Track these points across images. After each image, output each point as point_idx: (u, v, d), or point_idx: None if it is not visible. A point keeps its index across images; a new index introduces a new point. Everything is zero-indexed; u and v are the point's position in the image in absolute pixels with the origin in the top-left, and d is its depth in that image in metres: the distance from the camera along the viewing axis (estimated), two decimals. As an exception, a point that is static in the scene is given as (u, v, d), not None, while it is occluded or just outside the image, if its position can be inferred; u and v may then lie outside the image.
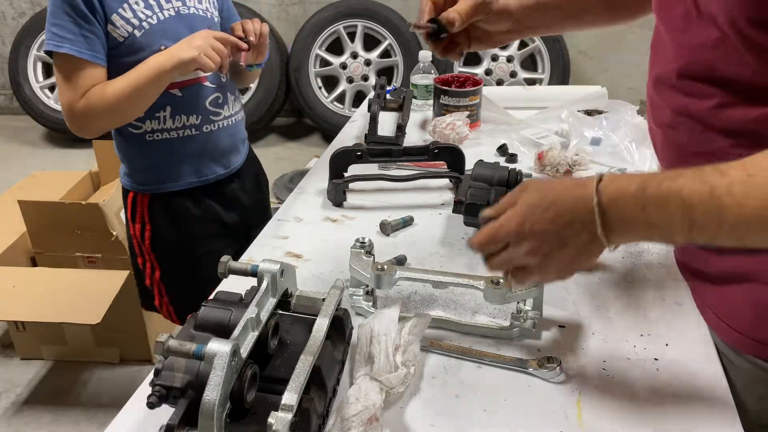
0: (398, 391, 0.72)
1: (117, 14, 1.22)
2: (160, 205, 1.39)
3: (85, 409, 1.98)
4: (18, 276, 2.08)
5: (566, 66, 3.70)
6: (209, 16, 1.37)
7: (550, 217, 0.67)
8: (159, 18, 1.26)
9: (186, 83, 1.31)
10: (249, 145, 1.58)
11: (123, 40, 1.24)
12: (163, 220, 1.40)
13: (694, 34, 0.74)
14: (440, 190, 1.27)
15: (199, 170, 1.39)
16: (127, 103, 1.23)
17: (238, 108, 1.48)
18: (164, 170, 1.36)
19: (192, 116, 1.34)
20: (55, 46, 1.19)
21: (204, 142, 1.37)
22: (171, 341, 0.60)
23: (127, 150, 1.37)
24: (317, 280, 0.98)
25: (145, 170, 1.37)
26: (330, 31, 3.75)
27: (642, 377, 0.77)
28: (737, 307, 0.79)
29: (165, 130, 1.33)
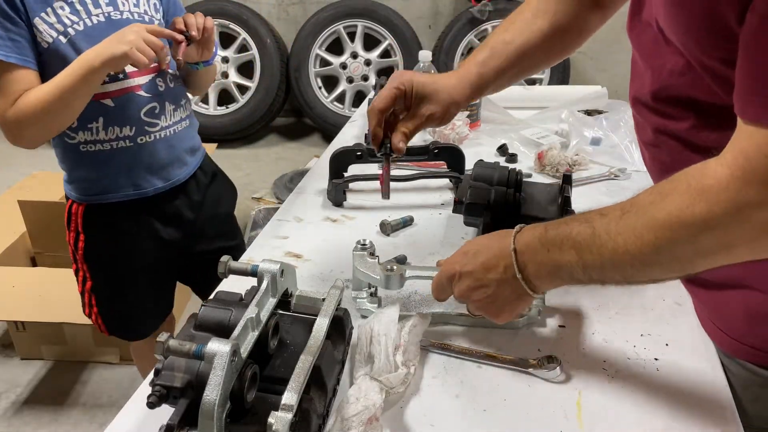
0: (398, 391, 0.72)
1: (39, 18, 1.14)
2: (94, 216, 1.33)
3: (85, 409, 1.98)
4: (18, 276, 2.08)
5: (566, 66, 3.70)
6: (147, 20, 1.28)
7: (479, 261, 0.76)
8: (86, 24, 1.18)
9: (118, 93, 1.23)
10: (204, 155, 1.49)
11: (47, 46, 1.16)
12: (96, 232, 1.34)
13: (664, 60, 0.75)
14: (440, 190, 1.27)
15: (135, 183, 1.31)
16: (57, 108, 1.15)
17: (182, 116, 1.37)
18: (99, 182, 1.30)
19: (125, 127, 1.25)
20: None
21: (139, 154, 1.28)
22: (171, 341, 0.60)
23: (63, 159, 1.31)
24: (317, 280, 0.98)
25: (80, 181, 1.31)
26: (330, 31, 3.76)
27: (642, 377, 0.77)
28: (731, 313, 0.80)
29: (98, 141, 1.25)
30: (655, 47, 0.76)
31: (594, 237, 0.66)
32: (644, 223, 0.63)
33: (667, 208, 0.61)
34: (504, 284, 0.74)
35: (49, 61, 1.16)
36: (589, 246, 0.67)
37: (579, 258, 0.68)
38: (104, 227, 1.34)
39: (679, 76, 0.74)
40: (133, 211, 1.33)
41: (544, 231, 0.72)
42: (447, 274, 0.79)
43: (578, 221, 0.69)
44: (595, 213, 0.68)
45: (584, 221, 0.68)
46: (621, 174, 1.32)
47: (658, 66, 0.77)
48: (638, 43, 0.82)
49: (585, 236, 0.67)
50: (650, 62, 0.79)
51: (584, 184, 1.28)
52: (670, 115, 0.79)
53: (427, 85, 0.90)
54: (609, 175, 1.33)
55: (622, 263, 0.66)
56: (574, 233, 0.68)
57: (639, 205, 0.64)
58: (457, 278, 0.78)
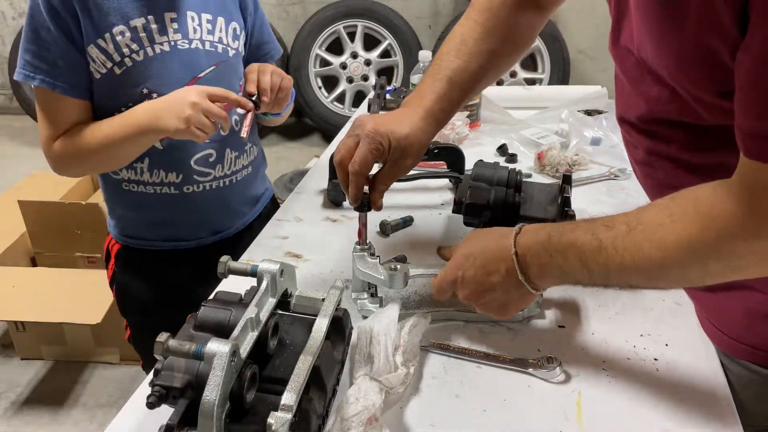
0: (398, 391, 0.72)
1: (94, 45, 1.02)
2: (128, 258, 1.22)
3: (85, 409, 1.98)
4: (18, 276, 2.08)
5: (566, 66, 3.70)
6: (221, 51, 1.12)
7: (480, 264, 0.76)
8: (147, 54, 1.05)
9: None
10: (270, 198, 1.35)
11: (99, 76, 1.04)
12: (129, 276, 1.23)
13: (648, 87, 0.75)
14: (440, 190, 1.27)
15: (176, 234, 1.19)
16: (102, 157, 1.07)
17: (245, 164, 1.22)
18: (138, 224, 1.19)
19: (171, 173, 1.13)
20: (26, 76, 1.02)
21: (183, 204, 1.16)
22: (171, 341, 0.60)
23: (106, 193, 1.21)
24: (317, 280, 0.98)
25: (119, 218, 1.21)
26: (330, 31, 3.76)
27: (642, 377, 0.77)
28: (730, 314, 0.80)
29: (141, 183, 1.14)
30: (638, 74, 0.76)
31: (600, 250, 0.67)
32: (653, 244, 0.63)
33: (677, 231, 0.62)
34: (507, 285, 0.75)
35: (99, 91, 1.06)
36: (596, 258, 0.67)
37: (584, 267, 0.69)
38: (137, 273, 1.22)
39: (666, 103, 0.74)
40: (171, 263, 1.20)
41: (547, 237, 0.72)
42: (449, 278, 0.79)
43: (582, 230, 0.69)
44: (600, 224, 0.68)
45: (589, 231, 0.68)
46: (621, 174, 1.32)
47: (643, 92, 0.77)
48: (622, 67, 0.82)
49: (591, 248, 0.68)
50: (635, 87, 0.79)
51: (584, 184, 1.28)
52: (660, 136, 0.79)
53: (402, 139, 0.85)
54: (609, 175, 1.33)
55: (629, 276, 0.67)
56: (579, 243, 0.68)
57: (647, 224, 0.64)
58: (459, 283, 0.78)
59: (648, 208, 0.67)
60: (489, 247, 0.76)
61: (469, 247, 0.79)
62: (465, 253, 0.79)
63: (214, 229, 1.22)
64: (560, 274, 0.72)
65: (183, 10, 1.08)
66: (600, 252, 0.67)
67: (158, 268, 1.21)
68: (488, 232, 0.80)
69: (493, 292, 0.76)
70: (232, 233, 1.24)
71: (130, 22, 1.03)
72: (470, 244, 0.80)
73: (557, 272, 0.72)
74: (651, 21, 0.68)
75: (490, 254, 0.76)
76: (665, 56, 0.68)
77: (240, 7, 1.18)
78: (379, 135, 0.83)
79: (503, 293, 0.76)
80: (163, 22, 1.06)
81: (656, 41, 0.69)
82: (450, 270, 0.80)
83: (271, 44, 1.27)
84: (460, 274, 0.77)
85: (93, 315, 1.80)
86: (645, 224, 0.65)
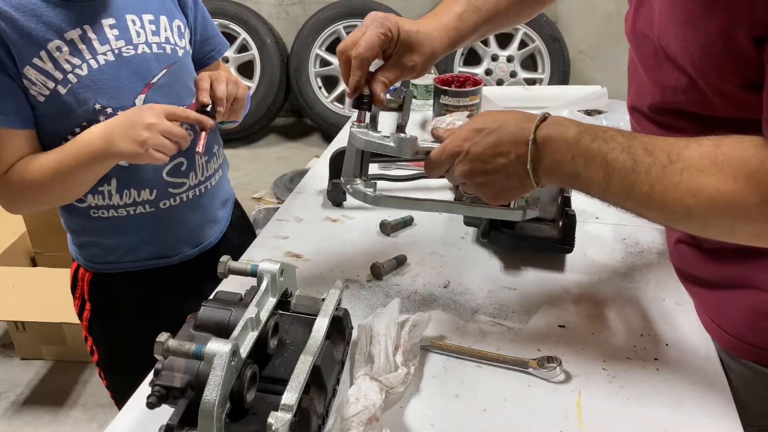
0: (398, 391, 0.72)
1: (30, 66, 0.92)
2: (102, 286, 1.12)
3: (85, 409, 1.98)
4: (18, 276, 2.08)
5: (566, 66, 3.70)
6: (170, 51, 1.04)
7: (491, 142, 0.70)
8: (91, 67, 0.96)
9: None
10: (234, 203, 1.28)
11: (43, 99, 0.94)
12: (103, 304, 1.13)
13: (665, 75, 0.74)
14: (440, 190, 1.27)
15: (157, 252, 1.11)
16: (56, 189, 0.98)
17: (216, 167, 1.16)
18: (113, 250, 1.09)
19: (144, 191, 1.04)
20: None
21: (162, 220, 1.08)
22: (171, 341, 0.60)
23: (69, 221, 1.10)
24: (317, 280, 0.98)
25: (89, 246, 1.10)
26: (330, 31, 3.75)
27: (642, 377, 0.77)
28: (733, 313, 0.79)
29: (111, 207, 1.04)
30: (655, 61, 0.75)
31: (631, 173, 0.63)
32: (688, 189, 0.60)
33: (717, 183, 0.59)
34: (510, 171, 0.70)
35: (46, 114, 0.96)
36: (623, 179, 0.63)
37: (605, 181, 0.65)
38: (113, 300, 1.13)
39: (682, 93, 0.72)
40: (151, 284, 1.13)
41: (576, 136, 0.67)
42: (451, 150, 0.73)
43: (618, 143, 0.64)
44: (639, 144, 0.64)
45: (626, 149, 0.64)
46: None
47: (658, 80, 0.76)
48: (638, 54, 0.80)
49: (622, 166, 0.63)
50: (651, 75, 0.78)
51: (584, 184, 1.28)
52: (670, 126, 0.78)
53: (413, 34, 0.81)
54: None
55: (648, 208, 0.64)
56: (611, 157, 0.64)
57: (687, 164, 0.61)
58: (462, 156, 0.72)
59: (691, 144, 0.62)
60: (507, 127, 0.70)
61: (483, 122, 0.73)
62: (478, 127, 0.72)
63: (195, 242, 1.15)
64: (572, 178, 0.68)
65: (121, 14, 0.99)
66: (629, 175, 0.63)
67: (136, 294, 1.13)
68: (510, 112, 0.73)
69: (495, 174, 0.71)
70: (213, 243, 1.18)
71: (64, 35, 0.94)
72: (486, 119, 0.73)
73: (570, 174, 0.67)
74: (677, 10, 0.67)
75: (505, 135, 0.70)
76: (690, 46, 0.67)
77: (179, 4, 1.10)
78: (388, 21, 0.79)
79: (504, 178, 0.71)
80: (102, 30, 0.97)
81: (681, 30, 0.67)
82: (455, 141, 0.73)
83: (217, 38, 1.19)
84: (467, 146, 0.72)
85: (93, 315, 1.80)
86: (685, 163, 0.61)
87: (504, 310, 0.89)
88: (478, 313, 0.89)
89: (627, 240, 1.06)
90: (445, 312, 0.89)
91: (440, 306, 0.91)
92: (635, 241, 1.05)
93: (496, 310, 0.90)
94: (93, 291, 1.12)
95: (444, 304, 0.91)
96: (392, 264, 0.99)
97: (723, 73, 0.66)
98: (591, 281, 0.95)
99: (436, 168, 0.77)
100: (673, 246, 0.91)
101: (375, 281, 0.97)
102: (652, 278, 0.95)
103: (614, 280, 0.95)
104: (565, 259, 1.00)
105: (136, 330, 1.02)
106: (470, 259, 1.02)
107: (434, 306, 0.91)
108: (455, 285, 0.95)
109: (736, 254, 0.76)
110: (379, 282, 0.97)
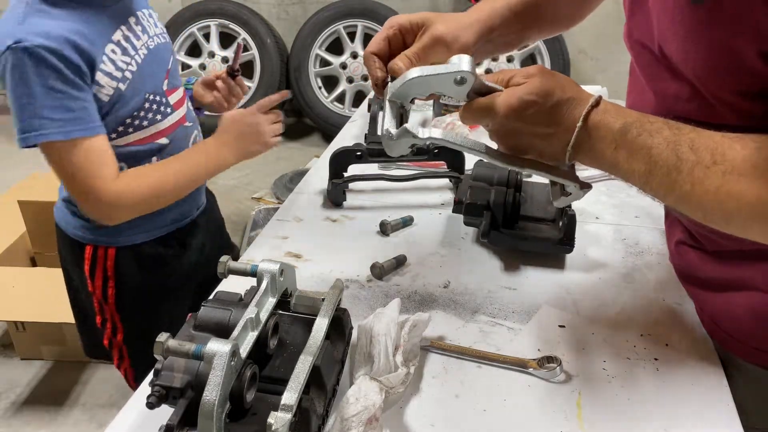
0: (398, 391, 0.72)
1: (99, 71, 1.02)
2: (128, 256, 1.21)
3: (85, 409, 1.98)
4: (18, 276, 2.08)
5: (566, 66, 3.69)
6: (167, 38, 1.20)
7: (541, 120, 0.67)
8: (137, 62, 1.08)
9: (171, 128, 1.18)
10: None
11: (107, 99, 1.04)
12: (129, 275, 1.22)
13: (666, 84, 0.73)
14: (440, 190, 1.27)
15: (178, 216, 1.26)
16: (180, 193, 1.15)
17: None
18: (147, 219, 1.17)
19: None
20: (61, 134, 0.97)
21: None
22: (170, 341, 0.60)
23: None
24: (317, 280, 0.98)
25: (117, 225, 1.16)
26: (330, 31, 3.75)
27: (642, 377, 0.77)
28: (734, 314, 0.79)
29: None
30: (654, 70, 0.75)
31: (674, 170, 0.62)
32: (730, 193, 0.60)
33: (756, 190, 0.59)
34: (548, 144, 0.69)
35: (106, 112, 1.06)
36: (665, 175, 0.63)
37: (646, 175, 0.64)
38: (138, 268, 1.23)
39: (684, 102, 0.72)
40: (168, 245, 1.26)
41: (622, 127, 0.65)
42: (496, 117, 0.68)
43: (663, 138, 0.63)
44: (686, 139, 0.63)
45: (671, 145, 0.63)
46: (621, 174, 1.32)
47: (660, 89, 0.75)
48: (637, 62, 0.80)
49: (665, 162, 0.63)
50: (651, 83, 0.77)
51: (584, 184, 1.28)
52: None
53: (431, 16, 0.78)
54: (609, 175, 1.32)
55: (688, 206, 0.64)
56: (655, 152, 0.63)
57: (729, 165, 0.60)
58: (503, 119, 0.68)
59: (735, 145, 0.61)
60: (560, 107, 0.67)
61: (539, 92, 0.67)
62: (532, 99, 0.66)
63: (198, 203, 1.32)
64: (611, 167, 0.67)
65: (135, 12, 1.12)
66: (671, 172, 0.62)
67: (157, 257, 1.25)
68: (567, 84, 0.69)
69: (529, 145, 0.70)
70: (205, 203, 1.36)
71: (112, 38, 1.05)
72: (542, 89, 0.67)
73: (610, 163, 0.67)
74: (676, 23, 0.67)
75: (555, 116, 0.67)
76: (692, 58, 0.67)
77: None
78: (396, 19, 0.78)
79: (541, 146, 0.69)
80: (132, 28, 1.10)
81: (682, 42, 0.67)
82: (503, 108, 0.67)
83: None
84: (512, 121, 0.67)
85: (93, 315, 1.80)
86: (727, 165, 0.60)
87: (504, 310, 0.89)
88: (478, 313, 0.89)
89: (627, 240, 1.06)
90: (445, 312, 0.89)
91: (440, 306, 0.91)
92: (635, 241, 1.05)
93: (496, 310, 0.90)
94: (119, 263, 1.21)
95: (444, 304, 0.91)
96: (392, 264, 0.99)
97: (726, 84, 0.65)
98: (591, 281, 0.95)
99: (472, 118, 0.72)
100: (673, 247, 0.91)
101: (375, 281, 0.97)
102: (652, 278, 0.95)
103: (614, 280, 0.95)
104: (565, 259, 1.00)
105: (160, 288, 1.26)
106: (470, 259, 1.02)
107: (434, 306, 0.91)
108: (455, 285, 0.95)
109: (738, 256, 0.76)
110: (379, 282, 0.97)
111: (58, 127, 0.98)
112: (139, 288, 1.24)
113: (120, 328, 1.27)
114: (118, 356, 1.30)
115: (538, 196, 1.04)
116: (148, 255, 1.23)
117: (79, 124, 0.99)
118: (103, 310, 1.26)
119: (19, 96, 0.96)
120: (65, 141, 0.99)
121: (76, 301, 1.33)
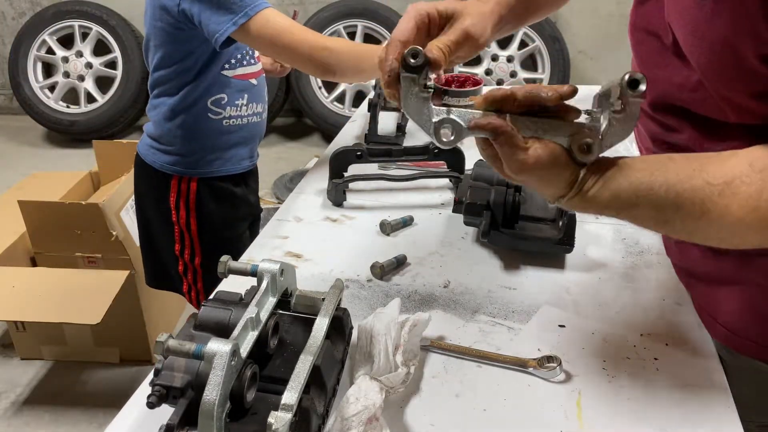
0: (398, 391, 0.72)
1: None
2: (207, 188, 1.43)
3: (85, 409, 1.98)
4: (18, 276, 2.08)
5: (566, 66, 3.70)
6: None
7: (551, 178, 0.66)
8: None
9: (258, 74, 1.42)
10: None
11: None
12: (208, 204, 1.44)
13: (671, 72, 0.73)
14: (440, 190, 1.27)
15: (251, 155, 1.50)
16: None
17: None
18: (228, 154, 1.42)
19: (259, 104, 1.44)
20: (259, 6, 1.22)
21: (260, 128, 1.48)
22: (171, 341, 0.60)
23: (188, 135, 1.39)
24: (317, 280, 0.98)
25: (205, 155, 1.41)
26: (330, 31, 3.75)
27: (642, 377, 0.77)
28: (731, 308, 0.79)
29: (240, 117, 1.41)
30: (660, 57, 0.75)
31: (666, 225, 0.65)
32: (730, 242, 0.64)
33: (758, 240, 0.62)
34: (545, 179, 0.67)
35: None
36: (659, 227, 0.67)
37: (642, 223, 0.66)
38: (215, 201, 1.44)
39: (689, 91, 0.72)
40: (237, 185, 1.47)
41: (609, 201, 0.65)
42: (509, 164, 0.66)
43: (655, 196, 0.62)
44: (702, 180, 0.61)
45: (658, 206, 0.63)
46: (621, 174, 1.32)
47: (663, 77, 0.75)
48: (640, 51, 0.80)
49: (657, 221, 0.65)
50: (653, 72, 0.77)
51: (584, 184, 1.28)
52: (669, 127, 0.78)
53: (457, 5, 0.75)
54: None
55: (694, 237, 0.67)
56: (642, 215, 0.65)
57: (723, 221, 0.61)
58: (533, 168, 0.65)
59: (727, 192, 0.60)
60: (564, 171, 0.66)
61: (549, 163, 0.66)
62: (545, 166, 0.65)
63: (256, 152, 1.53)
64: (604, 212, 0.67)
65: None
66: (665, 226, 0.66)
67: (232, 190, 1.47)
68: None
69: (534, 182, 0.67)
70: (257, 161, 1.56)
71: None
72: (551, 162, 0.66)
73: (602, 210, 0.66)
74: (684, 17, 0.67)
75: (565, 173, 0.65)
76: (697, 53, 0.67)
77: None
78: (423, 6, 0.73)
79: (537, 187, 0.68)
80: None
81: (690, 37, 0.68)
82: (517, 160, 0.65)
83: None
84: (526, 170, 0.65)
85: (93, 315, 1.80)
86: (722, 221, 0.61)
87: (504, 310, 0.89)
88: (478, 313, 0.89)
89: (627, 240, 1.06)
90: (445, 312, 0.89)
91: (440, 306, 0.91)
92: (635, 241, 1.05)
93: (496, 309, 0.90)
94: (201, 194, 1.42)
95: (444, 304, 0.91)
96: (392, 264, 0.99)
97: (729, 82, 0.66)
98: (591, 281, 0.95)
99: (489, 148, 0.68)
100: (674, 243, 0.91)
101: (375, 281, 0.97)
102: (652, 278, 0.95)
103: (614, 280, 0.95)
104: (565, 259, 1.00)
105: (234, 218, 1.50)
106: (470, 259, 1.02)
107: (434, 306, 0.91)
108: (455, 285, 0.95)
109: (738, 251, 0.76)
110: (379, 282, 0.97)
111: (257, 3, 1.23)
112: (213, 218, 1.46)
113: (198, 252, 1.47)
114: (192, 279, 1.50)
115: (538, 196, 1.04)
116: (222, 190, 1.45)
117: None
118: (183, 238, 1.46)
119: None
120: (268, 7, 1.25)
121: (148, 232, 1.52)
